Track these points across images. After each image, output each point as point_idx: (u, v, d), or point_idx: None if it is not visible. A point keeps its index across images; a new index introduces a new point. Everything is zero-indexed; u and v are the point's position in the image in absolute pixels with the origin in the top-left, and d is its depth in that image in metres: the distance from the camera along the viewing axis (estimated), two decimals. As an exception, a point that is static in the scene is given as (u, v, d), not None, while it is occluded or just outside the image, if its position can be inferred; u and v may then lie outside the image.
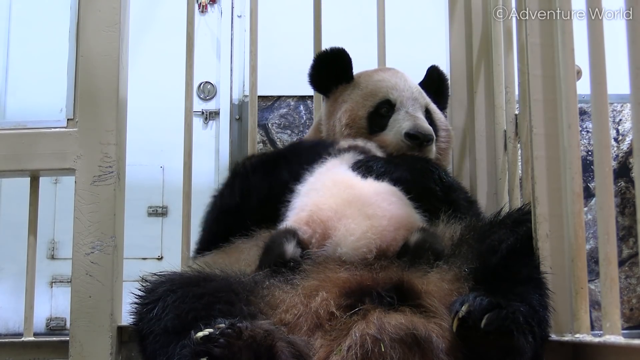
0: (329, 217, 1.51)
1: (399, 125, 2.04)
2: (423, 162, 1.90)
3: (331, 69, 2.19)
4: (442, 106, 2.36)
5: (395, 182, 1.71)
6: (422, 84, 2.30)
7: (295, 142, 1.90)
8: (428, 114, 2.16)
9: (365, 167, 1.78)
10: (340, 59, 2.19)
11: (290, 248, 1.46)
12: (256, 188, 1.84)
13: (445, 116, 2.36)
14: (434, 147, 2.06)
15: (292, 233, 1.49)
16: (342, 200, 1.55)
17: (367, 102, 2.12)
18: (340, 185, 1.61)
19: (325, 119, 2.22)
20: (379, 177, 1.73)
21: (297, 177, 1.76)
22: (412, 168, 1.84)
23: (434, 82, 2.34)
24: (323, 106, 2.28)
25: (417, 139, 1.98)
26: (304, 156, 1.86)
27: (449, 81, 2.41)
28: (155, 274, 1.48)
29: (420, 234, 1.50)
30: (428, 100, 2.20)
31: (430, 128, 2.03)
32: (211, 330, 1.16)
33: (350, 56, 2.21)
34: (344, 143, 1.96)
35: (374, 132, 2.07)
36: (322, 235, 1.50)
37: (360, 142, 1.97)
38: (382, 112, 2.10)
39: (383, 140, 2.04)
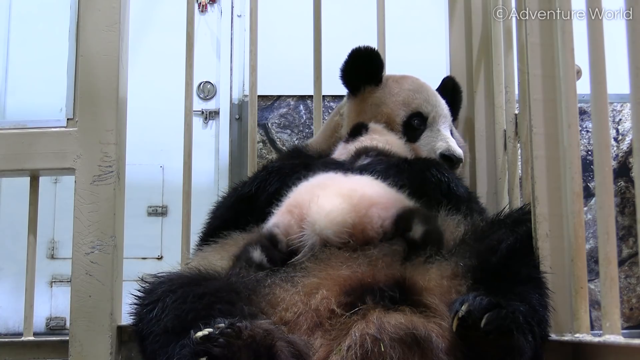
0: (303, 199, 1.53)
1: (434, 143, 2.10)
2: (434, 169, 1.86)
3: (364, 67, 2.19)
4: (454, 117, 2.38)
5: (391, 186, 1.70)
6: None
7: (326, 159, 1.95)
8: (451, 132, 2.21)
9: (363, 170, 1.78)
10: (374, 59, 2.19)
11: (257, 255, 1.50)
12: (271, 185, 1.86)
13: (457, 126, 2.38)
14: (460, 168, 2.13)
15: (258, 242, 1.54)
16: (317, 188, 1.57)
17: (401, 112, 2.14)
18: (320, 180, 1.64)
19: (351, 117, 2.20)
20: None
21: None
22: (417, 176, 1.82)
23: (447, 92, 2.35)
24: (346, 105, 2.26)
25: (451, 161, 2.05)
26: (317, 167, 1.87)
27: (463, 93, 2.42)
28: (154, 275, 1.48)
29: (423, 225, 1.48)
30: (450, 119, 2.24)
31: (461, 151, 2.10)
32: (211, 330, 1.16)
33: (382, 59, 2.22)
34: (362, 143, 1.97)
35: (406, 142, 2.10)
36: (299, 218, 1.51)
37: (379, 143, 1.98)
38: (415, 123, 2.14)
39: (416, 152, 2.08)
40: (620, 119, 4.32)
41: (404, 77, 2.27)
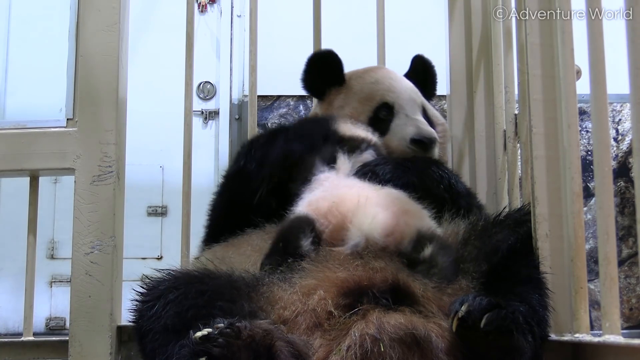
0: (348, 209, 1.54)
1: (403, 131, 2.03)
2: (434, 166, 1.88)
3: (322, 71, 2.17)
4: (430, 95, 2.35)
5: (402, 187, 1.71)
6: (407, 75, 2.30)
7: (303, 120, 1.92)
8: (424, 111, 2.16)
9: (372, 172, 1.78)
10: (331, 61, 2.17)
11: (307, 244, 1.48)
12: (271, 153, 1.85)
13: (437, 108, 2.36)
14: (437, 149, 2.06)
15: (310, 226, 1.51)
16: (357, 199, 1.58)
17: (365, 108, 2.11)
18: (355, 188, 1.65)
19: None
20: (385, 182, 1.72)
21: (307, 151, 1.78)
22: (422, 173, 1.82)
23: (419, 72, 2.33)
24: (317, 109, 2.26)
25: (423, 144, 1.99)
26: (312, 131, 1.87)
27: (434, 68, 2.38)
28: (157, 270, 1.48)
29: (434, 247, 1.48)
30: (422, 97, 2.19)
31: (433, 131, 2.04)
32: (210, 330, 1.16)
33: (341, 58, 2.18)
34: (352, 132, 1.96)
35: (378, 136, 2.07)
36: (337, 226, 1.52)
37: (365, 134, 1.96)
38: (382, 116, 2.09)
39: (387, 145, 2.03)
40: (620, 119, 4.32)
41: (366, 71, 2.24)
